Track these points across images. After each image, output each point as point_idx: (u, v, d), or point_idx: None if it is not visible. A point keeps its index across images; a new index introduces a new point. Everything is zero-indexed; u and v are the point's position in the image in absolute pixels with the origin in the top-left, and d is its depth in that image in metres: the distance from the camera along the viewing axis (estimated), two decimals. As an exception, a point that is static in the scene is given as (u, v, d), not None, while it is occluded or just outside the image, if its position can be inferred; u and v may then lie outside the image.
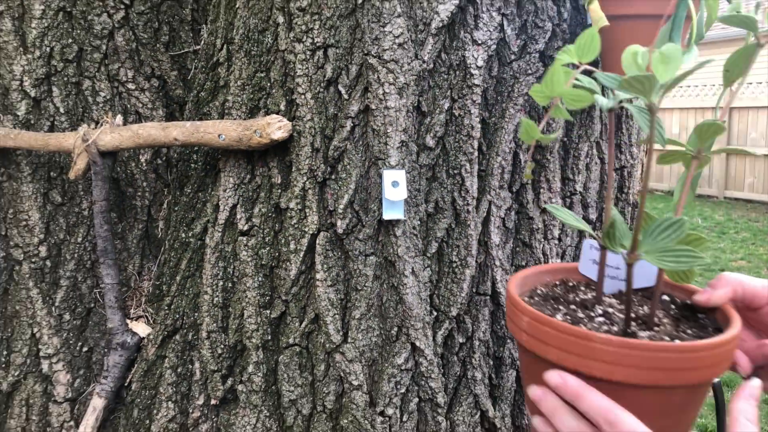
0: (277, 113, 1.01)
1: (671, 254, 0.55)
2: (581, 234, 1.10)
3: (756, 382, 0.56)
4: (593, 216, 1.11)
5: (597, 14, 0.88)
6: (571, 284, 0.69)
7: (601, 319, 0.60)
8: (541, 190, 1.05)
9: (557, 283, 0.70)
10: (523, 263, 1.05)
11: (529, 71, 1.00)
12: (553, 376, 0.57)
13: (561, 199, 1.07)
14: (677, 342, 0.56)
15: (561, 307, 0.63)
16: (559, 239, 1.08)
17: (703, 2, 0.90)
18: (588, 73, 0.59)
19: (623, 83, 0.53)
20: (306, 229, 0.98)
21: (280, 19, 1.00)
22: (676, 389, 0.55)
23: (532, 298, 0.65)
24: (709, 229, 6.77)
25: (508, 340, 1.04)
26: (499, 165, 1.00)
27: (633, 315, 0.61)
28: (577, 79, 0.59)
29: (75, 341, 1.16)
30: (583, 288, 0.68)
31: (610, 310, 0.62)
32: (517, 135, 1.02)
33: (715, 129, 0.56)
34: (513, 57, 0.99)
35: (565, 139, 1.06)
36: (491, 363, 1.04)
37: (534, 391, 0.59)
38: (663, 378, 0.54)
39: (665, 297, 0.66)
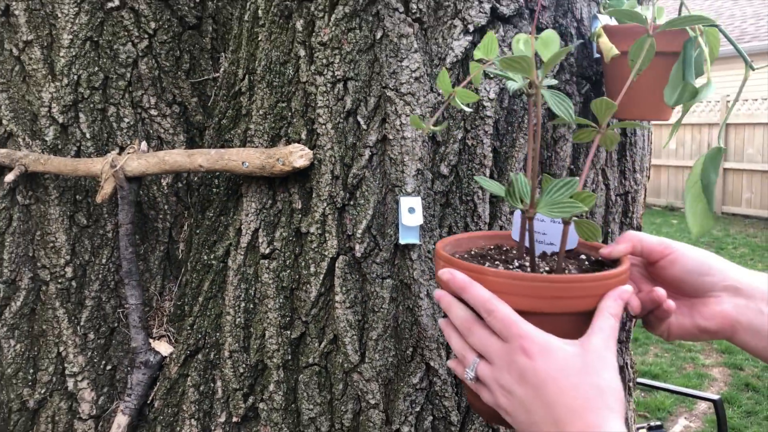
0: (298, 142, 1.05)
1: (558, 206, 0.67)
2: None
3: (628, 287, 0.67)
4: (599, 239, 1.16)
5: (606, 45, 0.93)
6: (504, 248, 0.79)
7: (517, 271, 0.71)
8: (550, 216, 1.09)
9: (492, 247, 0.80)
10: (533, 285, 1.09)
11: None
12: (444, 272, 0.68)
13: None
14: (554, 275, 0.68)
15: (486, 262, 0.72)
16: (567, 262, 1.12)
17: (703, 39, 0.95)
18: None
19: (502, 63, 0.66)
20: (326, 253, 1.03)
21: (302, 53, 1.05)
22: (561, 316, 0.66)
23: (462, 256, 0.74)
24: (707, 245, 6.83)
25: (519, 360, 1.08)
26: (510, 192, 1.05)
27: (547, 268, 0.72)
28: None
29: (99, 360, 1.20)
30: (514, 251, 0.77)
31: (527, 264, 0.72)
32: (526, 163, 1.06)
33: (607, 105, 0.69)
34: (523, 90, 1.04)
35: (572, 166, 1.11)
36: (502, 382, 1.08)
37: (437, 292, 0.71)
38: (545, 305, 0.64)
39: (583, 256, 0.78)
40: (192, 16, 1.31)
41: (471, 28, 1.00)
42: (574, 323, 0.66)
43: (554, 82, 0.89)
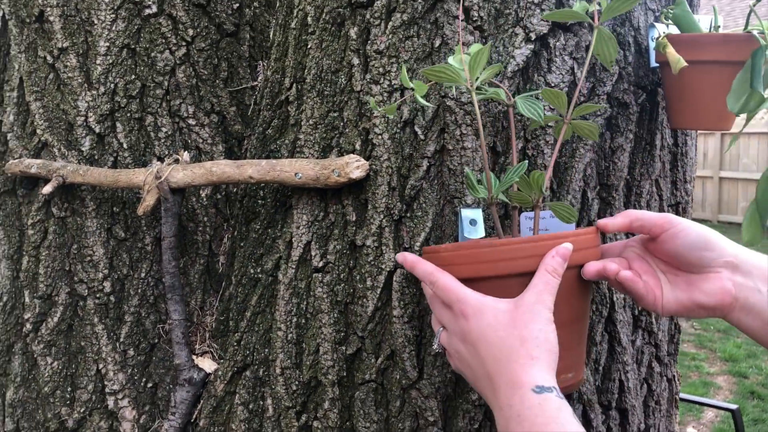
0: (352, 152, 1.03)
1: (502, 185, 0.79)
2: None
3: (568, 245, 0.72)
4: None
5: (674, 57, 0.91)
6: None
7: None
8: (607, 227, 1.07)
9: None
10: (589, 298, 1.07)
11: (598, 112, 1.03)
12: (398, 255, 0.81)
13: (624, 235, 1.09)
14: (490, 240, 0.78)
15: None
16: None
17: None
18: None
19: (427, 73, 0.76)
20: (383, 266, 1.00)
21: (355, 61, 1.02)
22: (508, 278, 0.72)
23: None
24: (705, 253, 6.87)
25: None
26: (569, 203, 1.03)
27: None
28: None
29: (140, 377, 1.16)
30: None
31: None
32: (586, 173, 1.05)
33: (556, 95, 0.79)
34: (582, 99, 1.02)
35: (628, 177, 1.09)
36: (560, 397, 1.05)
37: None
38: (488, 269, 0.72)
39: None
40: (230, 23, 1.28)
41: (533, 36, 0.98)
42: (522, 284, 0.71)
43: (537, 91, 0.96)
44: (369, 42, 1.01)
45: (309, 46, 1.08)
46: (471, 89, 0.77)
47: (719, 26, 1.00)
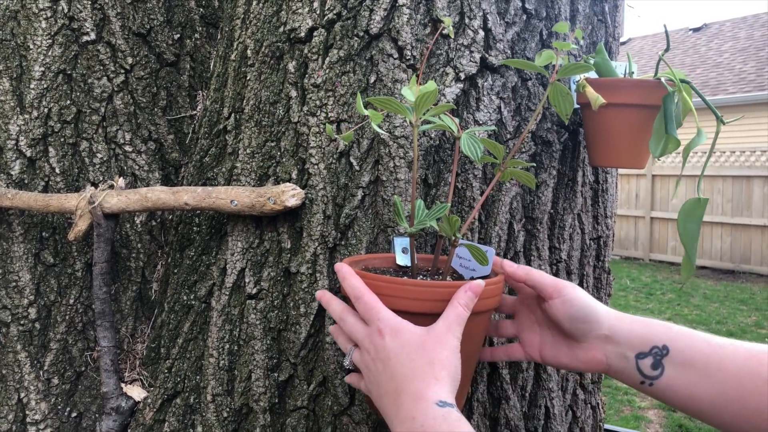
0: (288, 181, 1.05)
1: (419, 224, 0.85)
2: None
3: (481, 282, 0.78)
4: (576, 282, 1.20)
5: (593, 95, 0.98)
6: (440, 271, 0.91)
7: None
8: (532, 258, 1.12)
9: (428, 268, 0.93)
10: (516, 327, 1.11)
11: (523, 149, 1.09)
12: (336, 265, 0.82)
13: (549, 266, 1.15)
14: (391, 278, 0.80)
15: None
16: (547, 304, 1.15)
17: (679, 96, 1.02)
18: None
19: (373, 100, 0.80)
20: (316, 293, 1.01)
21: (293, 93, 1.05)
22: (398, 312, 0.76)
23: (388, 270, 0.92)
24: (637, 290, 7.12)
25: (503, 401, 1.09)
26: (496, 234, 1.07)
27: None
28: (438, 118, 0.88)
29: (63, 406, 1.13)
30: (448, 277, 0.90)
31: (436, 278, 0.88)
32: (512, 206, 1.10)
33: (494, 146, 0.86)
34: (509, 136, 1.08)
35: (552, 210, 1.15)
36: (488, 423, 1.08)
37: (317, 293, 0.87)
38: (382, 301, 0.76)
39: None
40: (170, 53, 1.30)
41: (462, 76, 1.03)
42: (412, 322, 0.76)
43: (492, 128, 1.00)
44: (307, 75, 1.05)
45: (248, 78, 1.11)
46: (415, 125, 0.83)
47: (633, 72, 1.08)
